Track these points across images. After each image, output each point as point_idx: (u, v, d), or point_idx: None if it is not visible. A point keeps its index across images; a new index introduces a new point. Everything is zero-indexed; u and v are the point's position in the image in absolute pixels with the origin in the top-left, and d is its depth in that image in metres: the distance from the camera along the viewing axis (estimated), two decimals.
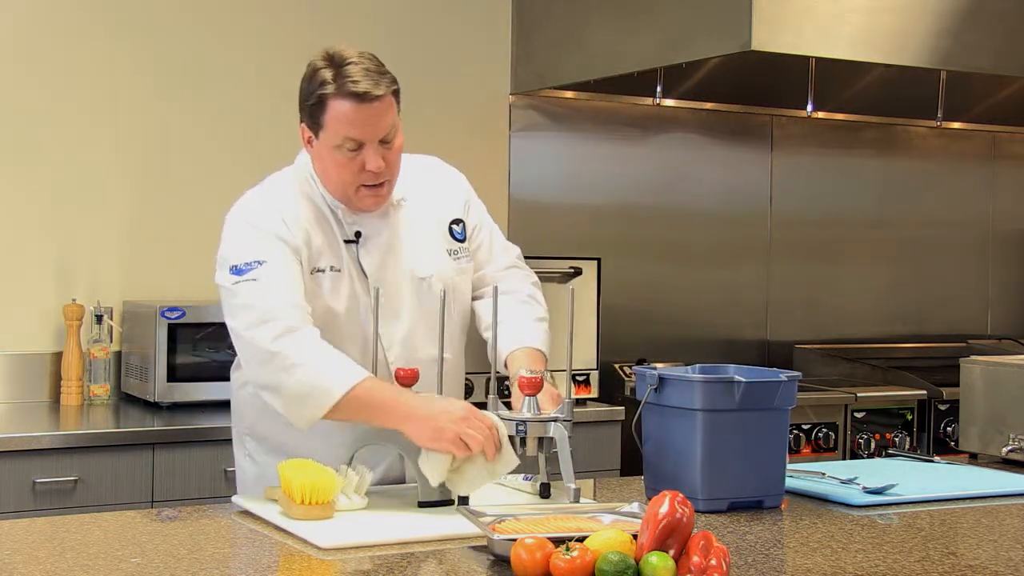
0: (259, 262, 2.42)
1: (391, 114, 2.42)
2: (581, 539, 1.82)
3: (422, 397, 2.33)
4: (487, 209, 2.76)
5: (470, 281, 2.67)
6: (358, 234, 2.52)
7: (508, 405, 2.44)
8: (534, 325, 2.63)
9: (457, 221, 2.64)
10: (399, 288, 2.53)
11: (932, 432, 4.51)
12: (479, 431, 2.25)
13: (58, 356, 3.88)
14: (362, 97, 2.36)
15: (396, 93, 2.44)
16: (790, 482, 2.50)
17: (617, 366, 4.42)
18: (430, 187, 2.64)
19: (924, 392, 4.54)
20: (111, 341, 3.92)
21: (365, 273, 2.51)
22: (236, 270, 2.44)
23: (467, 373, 2.71)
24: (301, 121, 2.48)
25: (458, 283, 2.61)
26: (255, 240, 2.47)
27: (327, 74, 2.38)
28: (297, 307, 2.38)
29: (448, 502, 2.30)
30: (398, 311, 2.53)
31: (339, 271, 2.49)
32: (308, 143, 2.48)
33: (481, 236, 2.70)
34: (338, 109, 2.37)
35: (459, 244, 2.63)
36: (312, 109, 2.41)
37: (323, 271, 2.48)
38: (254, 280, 2.40)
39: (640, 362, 4.30)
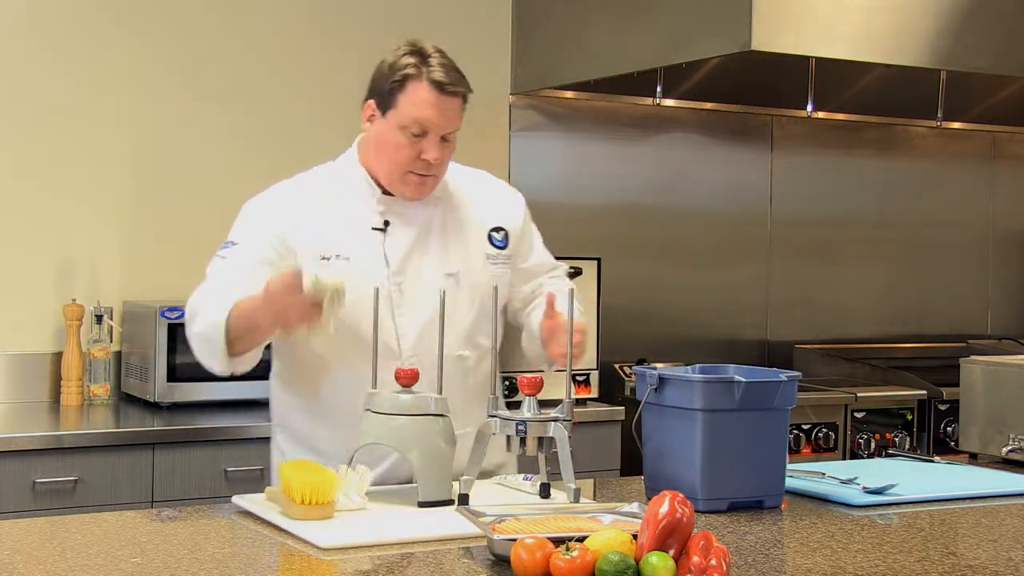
0: (233, 243, 2.59)
1: (459, 114, 2.53)
2: (581, 539, 1.82)
3: (264, 293, 2.33)
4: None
5: (506, 287, 2.67)
6: (387, 223, 2.56)
7: (510, 406, 2.45)
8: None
9: (498, 229, 2.68)
10: (424, 281, 2.55)
11: (932, 432, 4.51)
12: (291, 309, 2.29)
13: (58, 356, 3.88)
14: (442, 88, 2.48)
15: (465, 99, 2.55)
16: (790, 482, 2.50)
17: (617, 366, 4.42)
18: (477, 194, 2.70)
19: (924, 392, 4.54)
20: (111, 341, 3.93)
21: (388, 262, 2.53)
22: (222, 246, 2.62)
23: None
24: (368, 99, 2.57)
25: (491, 287, 2.59)
26: (246, 226, 2.60)
27: (412, 59, 2.50)
28: (228, 290, 2.46)
29: (448, 502, 2.30)
30: (421, 304, 2.54)
31: (348, 259, 2.51)
32: (369, 120, 2.56)
33: (532, 260, 2.74)
34: (417, 93, 2.48)
35: (497, 251, 2.67)
36: (390, 87, 2.51)
37: (328, 259, 2.51)
38: (223, 258, 2.58)
39: (640, 362, 4.29)
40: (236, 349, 2.48)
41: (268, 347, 2.61)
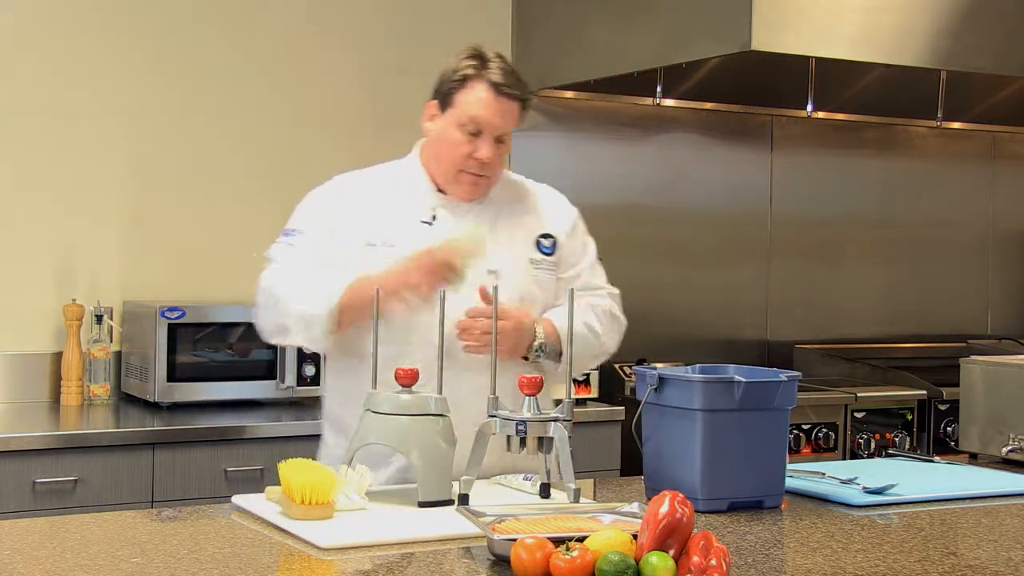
0: (298, 231, 2.68)
1: (515, 118, 2.62)
2: (581, 539, 1.82)
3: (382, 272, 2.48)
4: None
5: (549, 293, 2.72)
6: (435, 217, 2.64)
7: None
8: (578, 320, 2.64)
9: (547, 236, 2.74)
10: (467, 279, 2.56)
11: (932, 432, 4.51)
12: (420, 277, 2.45)
13: (58, 356, 3.88)
14: (499, 89, 2.58)
15: (525, 105, 2.64)
16: (790, 482, 2.50)
17: (617, 366, 4.42)
18: (531, 201, 2.78)
19: (924, 392, 4.54)
20: (111, 341, 3.93)
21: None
22: (284, 233, 2.71)
23: None
24: (430, 100, 2.67)
25: (532, 290, 2.68)
26: (306, 213, 2.71)
27: (473, 61, 2.61)
28: (300, 272, 2.60)
29: (448, 502, 2.30)
30: (460, 297, 2.56)
31: (393, 247, 2.59)
32: (430, 119, 2.66)
33: (573, 272, 2.76)
34: (474, 92, 2.59)
35: (543, 256, 2.72)
36: (451, 86, 2.61)
37: (375, 245, 2.61)
38: (291, 245, 2.67)
39: (640, 362, 4.29)
40: (342, 325, 2.56)
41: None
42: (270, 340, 2.71)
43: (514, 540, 1.84)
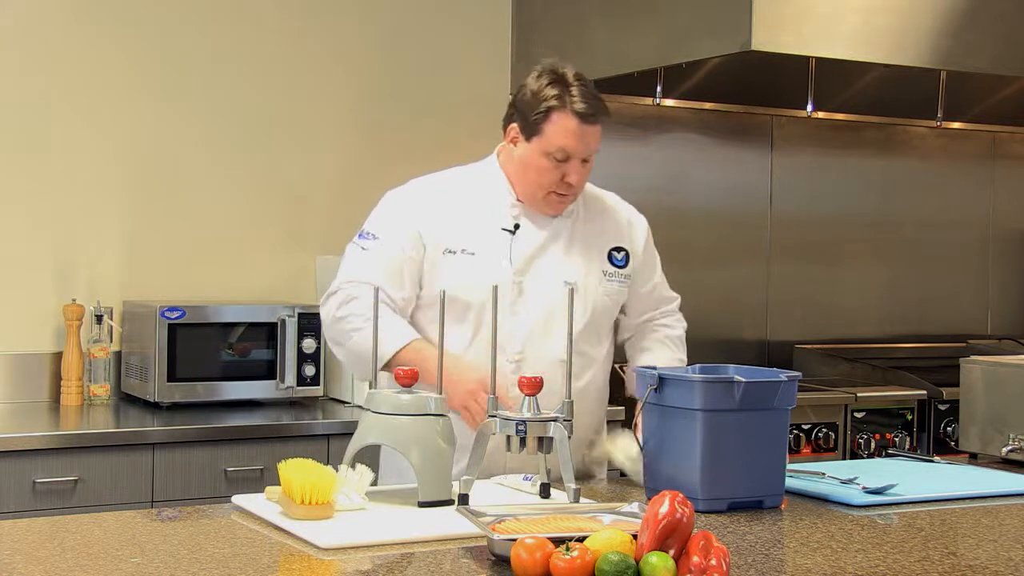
0: (374, 236, 2.70)
1: (599, 137, 2.69)
2: (581, 539, 1.82)
3: (452, 358, 2.53)
4: None
5: (618, 305, 2.83)
6: (517, 226, 2.70)
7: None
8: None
9: (619, 249, 2.82)
10: (542, 284, 2.66)
11: (932, 432, 4.51)
12: (475, 411, 2.52)
13: (58, 356, 3.88)
14: (585, 117, 2.63)
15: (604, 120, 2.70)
16: (790, 482, 2.50)
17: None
18: (604, 212, 2.84)
19: (924, 392, 4.53)
20: (111, 341, 3.93)
21: (512, 261, 2.66)
22: (360, 234, 2.74)
23: None
24: (511, 122, 2.71)
25: (604, 301, 2.76)
26: (385, 217, 2.73)
27: (556, 89, 2.63)
28: (370, 284, 2.58)
29: (448, 502, 2.30)
30: (536, 305, 2.66)
31: (473, 255, 2.65)
32: (512, 142, 2.71)
33: (651, 284, 2.89)
34: (562, 123, 2.62)
35: (615, 268, 2.80)
36: (536, 117, 2.64)
37: (454, 252, 2.66)
38: (364, 249, 2.70)
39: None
40: (387, 369, 2.61)
41: None
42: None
43: (514, 540, 1.84)
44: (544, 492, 2.41)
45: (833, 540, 2.15)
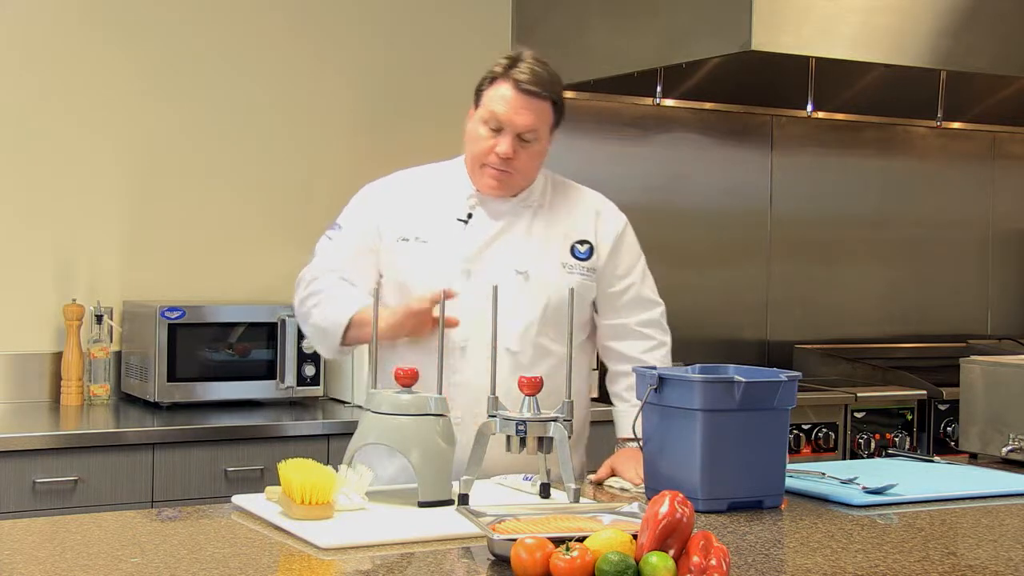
0: (340, 226, 2.79)
1: (540, 118, 2.66)
2: (581, 539, 1.82)
3: (387, 312, 2.59)
4: None
5: (586, 299, 2.76)
6: (470, 215, 2.70)
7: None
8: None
9: (583, 242, 2.78)
10: (492, 274, 2.63)
11: (932, 432, 4.51)
12: (414, 310, 2.58)
13: (58, 356, 3.88)
14: (519, 85, 2.63)
15: (556, 106, 2.70)
16: (790, 482, 2.50)
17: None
18: (574, 207, 2.82)
19: (924, 392, 4.53)
20: (111, 341, 3.93)
21: (462, 250, 2.66)
22: (330, 226, 2.82)
23: None
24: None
25: (563, 294, 2.64)
26: (351, 208, 2.82)
27: (504, 62, 2.69)
28: (332, 271, 2.73)
29: (448, 502, 2.30)
30: (483, 295, 2.57)
31: (425, 243, 2.68)
32: (469, 120, 2.74)
33: (624, 284, 2.82)
34: (498, 88, 2.66)
35: (577, 261, 2.76)
36: (480, 85, 2.70)
37: (407, 240, 2.69)
38: (329, 239, 2.79)
39: None
40: (348, 342, 2.70)
41: None
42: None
43: (514, 540, 1.84)
44: (544, 492, 2.41)
45: (833, 540, 2.15)
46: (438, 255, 2.67)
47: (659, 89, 4.55)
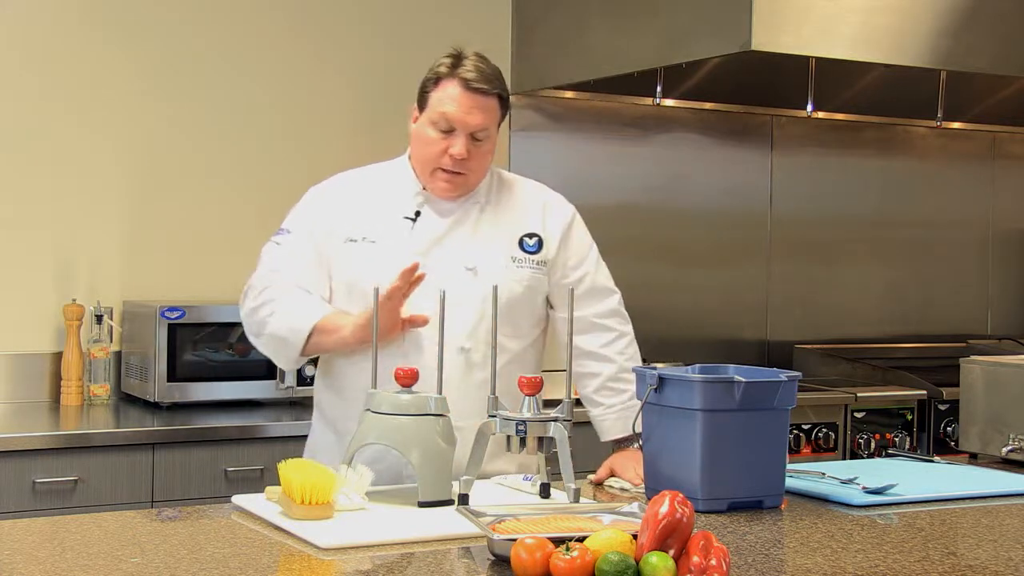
0: (287, 231, 2.72)
1: (489, 115, 2.62)
2: (581, 539, 1.82)
3: (353, 316, 2.56)
4: None
5: (538, 293, 2.73)
6: (418, 213, 2.67)
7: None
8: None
9: (532, 235, 2.74)
10: (440, 272, 2.60)
11: (932, 432, 4.51)
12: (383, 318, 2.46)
13: (58, 356, 3.88)
14: (468, 84, 2.59)
15: (503, 101, 2.65)
16: (790, 482, 2.50)
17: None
18: (520, 200, 2.78)
19: (924, 392, 4.54)
20: (111, 341, 3.93)
21: (410, 249, 2.62)
22: (276, 231, 2.75)
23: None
24: (416, 103, 2.71)
25: (514, 288, 2.66)
26: (297, 212, 2.76)
27: (448, 61, 2.64)
28: (284, 281, 2.66)
29: (448, 502, 2.30)
30: (432, 293, 2.54)
31: (374, 243, 2.64)
32: (414, 121, 2.69)
33: (578, 274, 2.77)
34: (445, 89, 2.61)
35: (526, 255, 2.71)
36: (425, 85, 2.66)
37: (355, 241, 2.65)
38: (277, 244, 2.72)
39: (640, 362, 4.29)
40: (308, 352, 2.65)
41: None
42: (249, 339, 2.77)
43: (514, 540, 1.84)
44: (544, 492, 2.41)
45: (833, 540, 2.15)
46: (387, 255, 2.62)
47: (659, 89, 4.55)
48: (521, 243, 2.72)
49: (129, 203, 4.06)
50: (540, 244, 2.73)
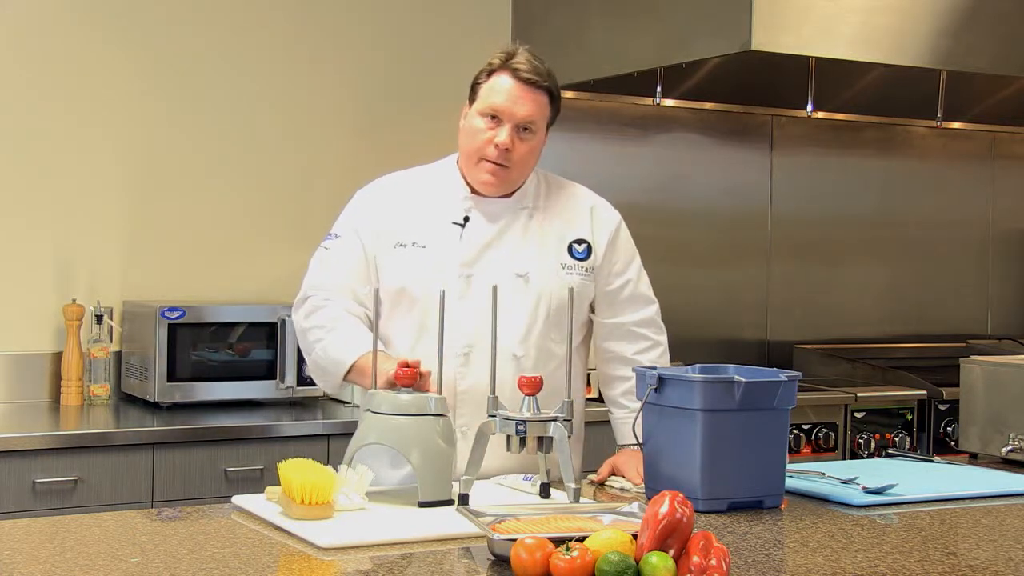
0: (336, 235, 2.73)
1: (539, 109, 2.64)
2: (581, 539, 1.82)
3: (388, 365, 2.44)
4: None
5: (584, 299, 2.74)
6: (467, 218, 2.67)
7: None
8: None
9: (581, 241, 2.75)
10: (491, 277, 2.60)
11: (932, 432, 4.51)
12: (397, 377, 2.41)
13: (58, 356, 3.88)
14: (518, 74, 2.61)
15: (552, 97, 2.67)
16: (790, 482, 2.50)
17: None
18: (569, 205, 2.79)
19: (924, 392, 4.54)
20: (111, 341, 3.93)
21: (460, 254, 2.63)
22: (326, 236, 2.75)
23: None
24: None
25: (565, 296, 2.62)
26: (345, 216, 2.76)
27: (501, 55, 2.66)
28: (337, 286, 2.67)
29: (448, 502, 2.30)
30: (484, 299, 2.55)
31: (424, 248, 2.64)
32: (464, 117, 2.69)
33: (621, 280, 2.80)
34: (496, 80, 2.63)
35: (575, 261, 2.73)
36: (477, 78, 2.67)
37: (405, 246, 2.65)
38: (326, 249, 2.72)
39: None
40: (348, 380, 2.66)
41: None
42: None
43: (514, 540, 1.84)
44: (544, 492, 2.41)
45: (833, 540, 2.15)
46: (437, 260, 2.63)
47: (659, 89, 4.55)
48: (570, 249, 2.73)
49: (129, 203, 4.06)
50: (589, 250, 2.75)
